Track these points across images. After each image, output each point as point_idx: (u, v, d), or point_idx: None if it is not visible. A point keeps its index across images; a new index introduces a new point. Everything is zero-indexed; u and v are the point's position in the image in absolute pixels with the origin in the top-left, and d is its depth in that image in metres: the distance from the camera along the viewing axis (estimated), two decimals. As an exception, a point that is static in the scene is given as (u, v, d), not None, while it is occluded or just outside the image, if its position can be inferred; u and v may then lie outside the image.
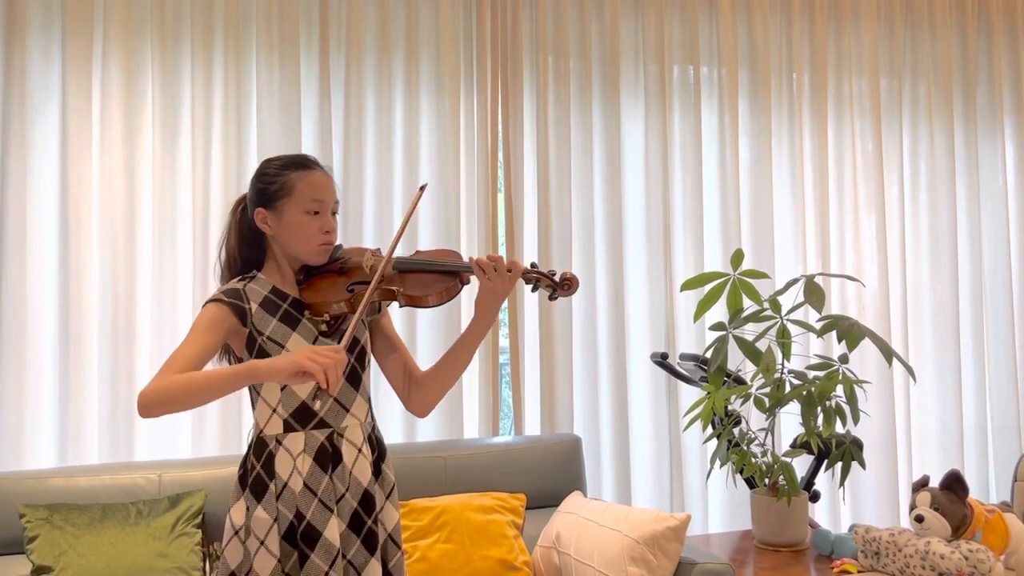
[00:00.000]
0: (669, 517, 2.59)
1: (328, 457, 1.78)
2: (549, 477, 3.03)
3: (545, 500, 3.01)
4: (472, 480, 2.94)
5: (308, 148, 3.21)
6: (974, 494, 3.59)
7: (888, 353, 3.00)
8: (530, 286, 1.84)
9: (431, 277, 1.82)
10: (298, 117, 3.18)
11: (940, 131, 3.95)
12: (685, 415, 3.17)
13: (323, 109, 3.22)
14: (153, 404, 1.59)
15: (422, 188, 1.87)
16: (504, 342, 3.46)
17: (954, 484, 2.74)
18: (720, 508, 3.61)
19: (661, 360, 3.41)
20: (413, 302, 1.80)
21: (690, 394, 3.51)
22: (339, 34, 3.26)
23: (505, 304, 3.40)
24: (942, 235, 3.92)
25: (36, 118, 2.98)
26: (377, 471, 1.86)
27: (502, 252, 3.43)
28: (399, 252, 1.86)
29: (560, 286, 1.81)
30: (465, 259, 1.83)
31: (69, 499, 2.58)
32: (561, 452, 3.08)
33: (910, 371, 3.06)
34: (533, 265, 1.84)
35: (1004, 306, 4.01)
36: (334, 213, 1.86)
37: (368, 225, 3.26)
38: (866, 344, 3.52)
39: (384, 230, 3.25)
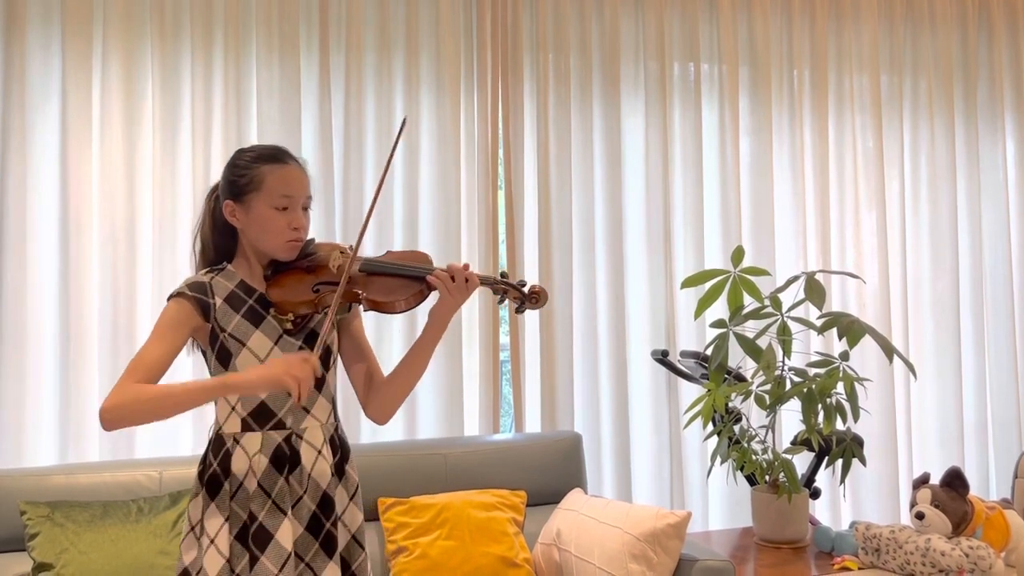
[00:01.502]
0: (670, 514, 2.59)
1: (285, 459, 1.74)
2: (549, 474, 3.04)
3: (546, 497, 3.02)
4: (473, 477, 2.94)
5: (308, 146, 3.21)
6: (974, 491, 3.60)
7: (888, 350, 3.00)
8: (497, 297, 1.79)
9: (398, 282, 1.77)
10: (298, 115, 3.18)
11: (941, 127, 3.95)
12: (686, 412, 3.18)
13: (323, 107, 3.22)
14: (119, 419, 1.61)
15: (403, 123, 1.84)
16: (505, 339, 3.46)
17: (954, 481, 2.74)
18: (720, 505, 3.61)
19: (662, 357, 3.41)
20: (378, 307, 1.75)
21: (690, 391, 3.52)
22: (339, 32, 3.26)
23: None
24: (942, 232, 3.91)
25: (36, 117, 2.98)
26: (340, 472, 1.83)
27: (502, 250, 3.43)
28: (372, 253, 1.82)
29: (528, 298, 1.77)
30: (436, 264, 1.78)
31: (70, 496, 2.58)
32: (561, 449, 3.09)
33: (911, 368, 3.06)
34: (503, 275, 1.79)
35: (1004, 303, 4.01)
36: (306, 209, 1.83)
37: (369, 223, 3.25)
38: (866, 341, 3.52)
39: (384, 229, 3.26)
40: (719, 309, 3.29)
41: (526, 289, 1.78)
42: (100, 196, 3.02)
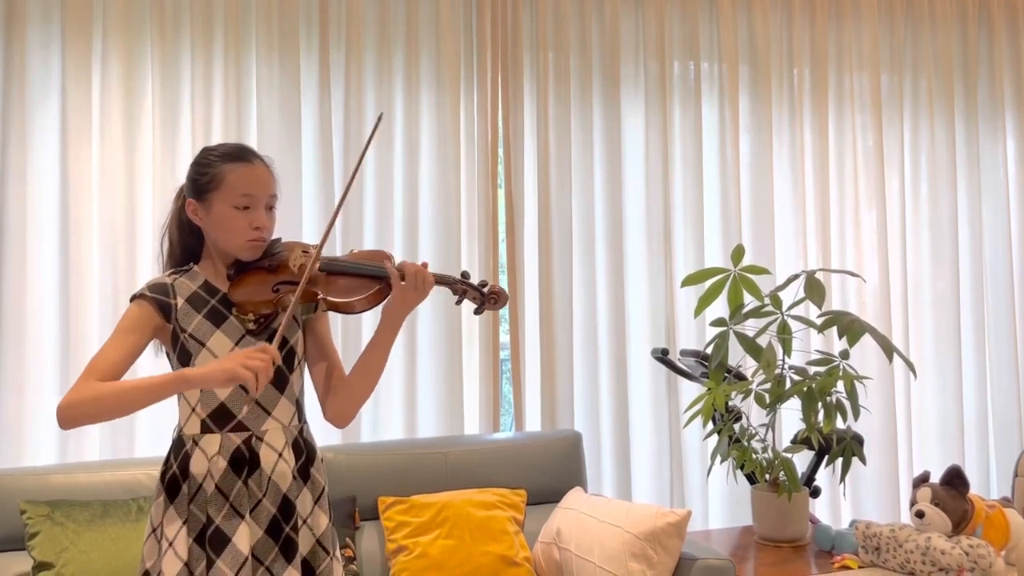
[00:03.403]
0: (670, 513, 2.59)
1: (244, 461, 1.72)
2: (550, 473, 3.04)
3: (546, 496, 3.02)
4: (473, 476, 2.94)
5: (308, 145, 3.21)
6: (975, 489, 3.60)
7: (888, 349, 3.00)
8: (456, 297, 1.77)
9: (358, 281, 1.74)
10: (298, 114, 3.18)
11: (941, 126, 3.95)
12: (686, 411, 3.18)
13: (323, 106, 3.22)
14: (77, 417, 1.60)
15: (379, 118, 1.79)
16: (504, 338, 3.46)
17: (955, 479, 2.74)
18: (721, 504, 3.61)
19: (662, 356, 3.41)
20: (336, 308, 1.73)
21: (691, 390, 3.52)
22: (339, 31, 3.26)
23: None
24: (943, 230, 3.92)
25: (36, 114, 2.98)
26: (306, 475, 1.80)
27: (502, 249, 3.43)
28: (337, 252, 1.77)
29: (487, 299, 1.75)
30: (397, 262, 1.74)
31: (70, 496, 2.58)
32: (562, 448, 3.09)
33: (911, 367, 3.06)
34: (464, 275, 1.76)
35: (1005, 301, 4.01)
36: (271, 208, 1.80)
37: (369, 222, 3.26)
38: (867, 340, 3.53)
39: (384, 227, 3.25)
40: (719, 308, 3.29)
41: (486, 290, 1.75)
42: (100, 195, 3.01)
